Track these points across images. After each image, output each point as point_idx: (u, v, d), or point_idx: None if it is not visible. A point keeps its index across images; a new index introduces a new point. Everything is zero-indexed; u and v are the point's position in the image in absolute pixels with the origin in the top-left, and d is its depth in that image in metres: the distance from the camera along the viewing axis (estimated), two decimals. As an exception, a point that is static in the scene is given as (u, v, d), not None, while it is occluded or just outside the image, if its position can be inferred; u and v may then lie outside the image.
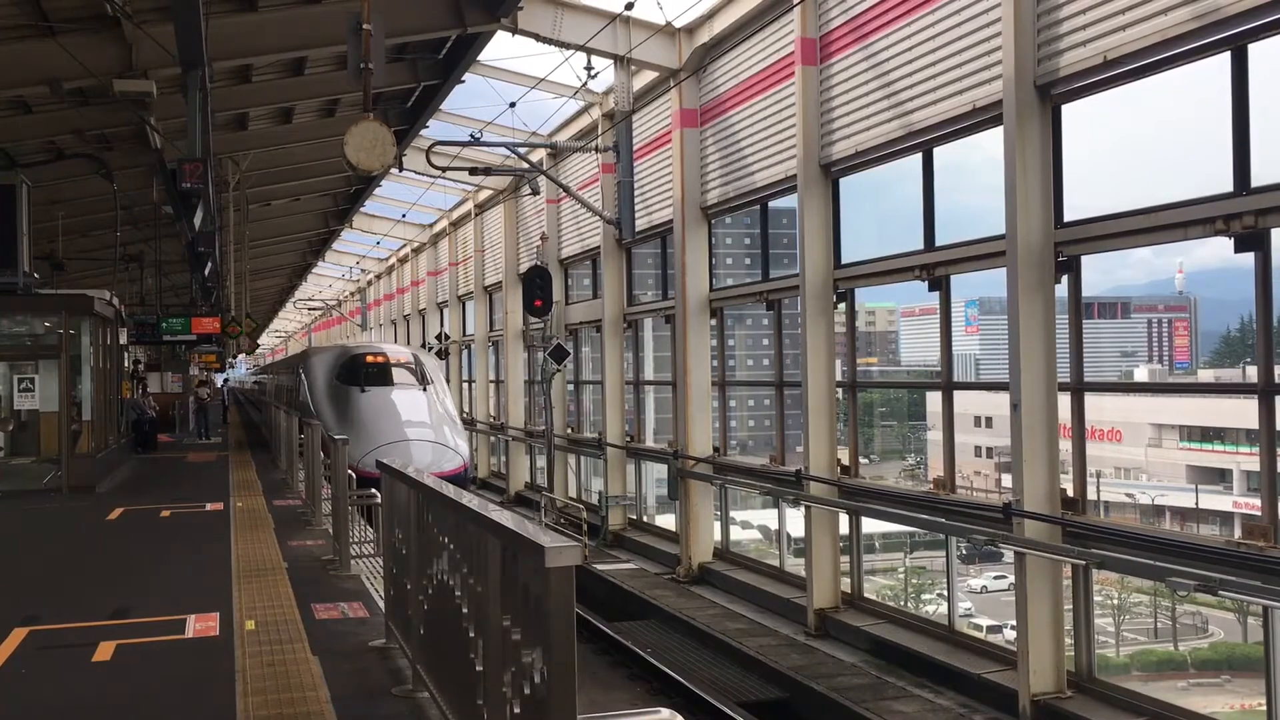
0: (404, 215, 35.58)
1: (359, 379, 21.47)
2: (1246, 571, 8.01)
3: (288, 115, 19.84)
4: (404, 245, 41.49)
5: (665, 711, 3.59)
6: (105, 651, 6.95)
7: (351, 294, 55.16)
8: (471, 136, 20.39)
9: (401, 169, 19.81)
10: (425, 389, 21.77)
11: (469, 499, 4.61)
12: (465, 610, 4.44)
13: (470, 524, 4.35)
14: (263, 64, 16.15)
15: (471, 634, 4.31)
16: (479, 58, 18.15)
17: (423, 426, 20.40)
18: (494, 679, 3.94)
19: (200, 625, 7.61)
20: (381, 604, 7.48)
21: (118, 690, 6.21)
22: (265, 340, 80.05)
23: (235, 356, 46.75)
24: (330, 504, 10.96)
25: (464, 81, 19.26)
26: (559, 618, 3.17)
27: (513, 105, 21.25)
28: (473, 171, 20.98)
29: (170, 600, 8.43)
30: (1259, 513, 8.44)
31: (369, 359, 22.26)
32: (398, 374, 21.96)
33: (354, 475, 10.43)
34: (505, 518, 3.89)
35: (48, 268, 20.66)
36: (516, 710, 3.62)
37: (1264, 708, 8.28)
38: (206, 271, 19.92)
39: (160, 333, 24.13)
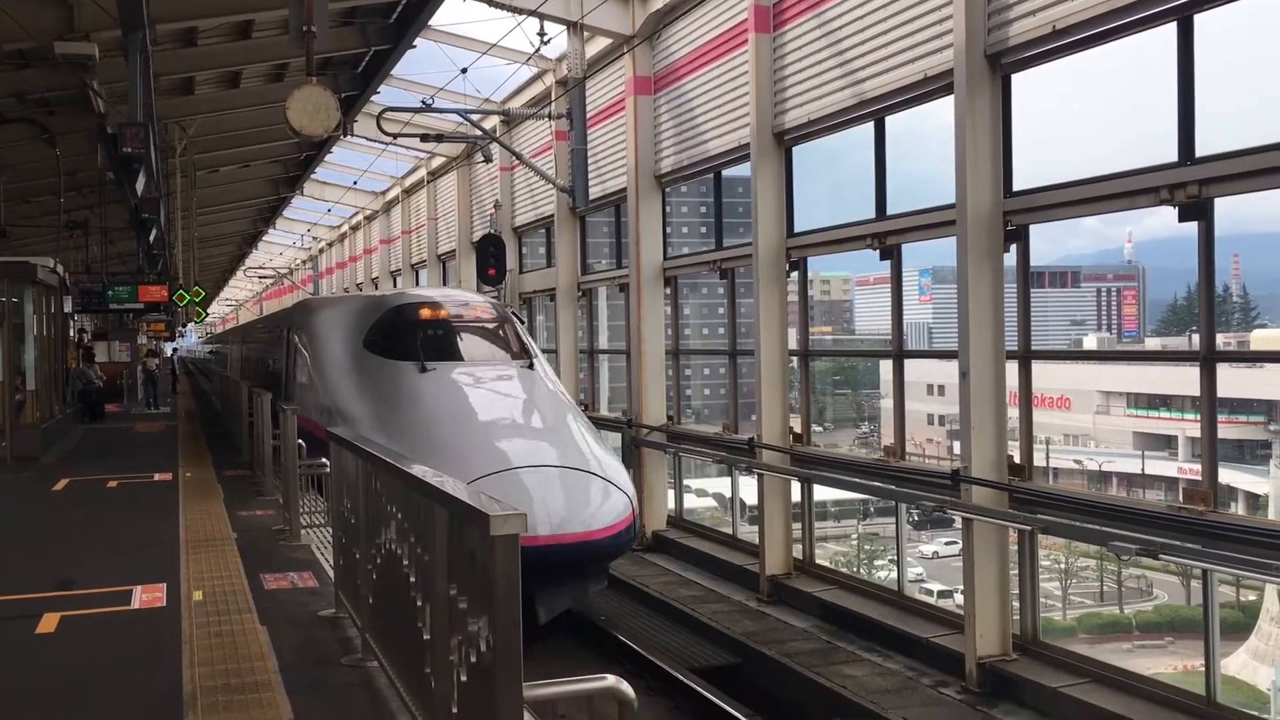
0: (355, 182, 35.20)
1: (412, 349, 12.79)
2: (1187, 535, 8.16)
3: (235, 80, 19.49)
4: (356, 213, 41.06)
5: (610, 678, 3.62)
6: (49, 623, 6.88)
7: (303, 262, 54.55)
8: (423, 103, 20.18)
9: (349, 134, 19.50)
10: (531, 366, 13.20)
11: (418, 468, 4.58)
12: (413, 579, 4.44)
13: (417, 493, 4.34)
14: (208, 27, 15.84)
15: (419, 603, 4.31)
16: (430, 22, 17.93)
17: (541, 440, 11.68)
18: (441, 647, 3.94)
19: (147, 596, 7.54)
20: (331, 574, 7.45)
21: (62, 662, 6.14)
22: (216, 309, 79.07)
23: (185, 325, 46.17)
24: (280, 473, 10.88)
25: (415, 47, 19.02)
26: (504, 586, 3.18)
27: (464, 71, 21.04)
28: (424, 138, 20.77)
29: (116, 571, 8.34)
30: (1200, 478, 8.60)
31: (425, 313, 13.39)
32: (477, 341, 13.50)
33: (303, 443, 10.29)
34: (452, 486, 3.88)
35: (-11, 235, 20.24)
36: (463, 678, 3.63)
37: (1204, 669, 8.47)
38: (152, 238, 19.60)
39: (107, 301, 23.79)
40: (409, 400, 12.13)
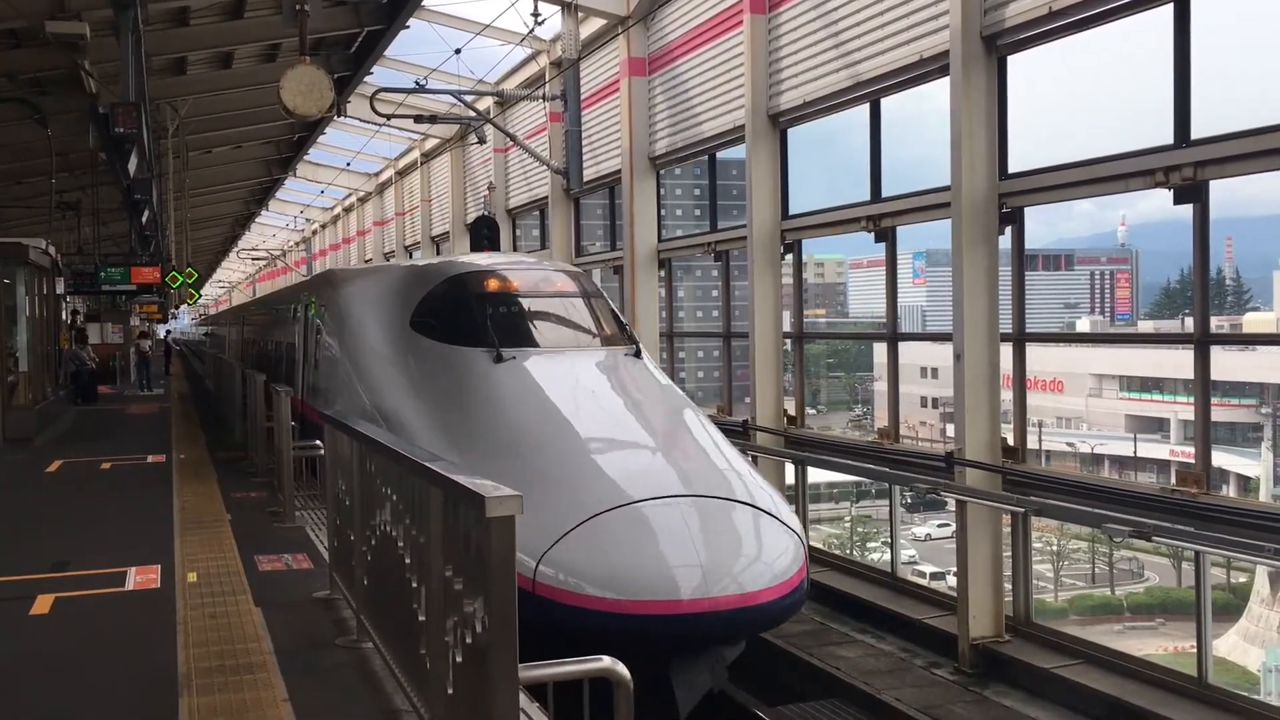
0: (348, 164, 35.07)
1: (480, 332, 9.66)
2: (1179, 518, 8.18)
3: (227, 60, 19.41)
4: (349, 194, 40.92)
5: (606, 659, 3.62)
6: (44, 605, 6.86)
7: (296, 244, 54.37)
8: (416, 84, 20.09)
9: (342, 114, 19.39)
10: (638, 354, 10.10)
11: (410, 449, 4.58)
12: (408, 561, 4.43)
13: (412, 475, 4.33)
14: (200, 6, 15.76)
15: (414, 584, 4.31)
16: (423, 2, 17.84)
17: (669, 459, 8.34)
18: (436, 628, 3.94)
19: (141, 577, 7.53)
20: (326, 555, 7.44)
21: (56, 643, 6.14)
22: (208, 290, 78.84)
23: (178, 307, 46.02)
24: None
25: (409, 27, 18.96)
26: (500, 567, 3.17)
27: (458, 52, 20.92)
28: (418, 119, 20.67)
29: (110, 552, 8.32)
30: (1193, 460, 8.62)
31: (491, 284, 10.32)
32: (562, 321, 10.35)
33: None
34: (446, 468, 3.87)
35: (-20, 216, 20.17)
36: (458, 659, 3.63)
37: (1195, 650, 8.51)
38: (144, 219, 19.53)
39: (99, 282, 23.72)
40: (481, 401, 9.02)
